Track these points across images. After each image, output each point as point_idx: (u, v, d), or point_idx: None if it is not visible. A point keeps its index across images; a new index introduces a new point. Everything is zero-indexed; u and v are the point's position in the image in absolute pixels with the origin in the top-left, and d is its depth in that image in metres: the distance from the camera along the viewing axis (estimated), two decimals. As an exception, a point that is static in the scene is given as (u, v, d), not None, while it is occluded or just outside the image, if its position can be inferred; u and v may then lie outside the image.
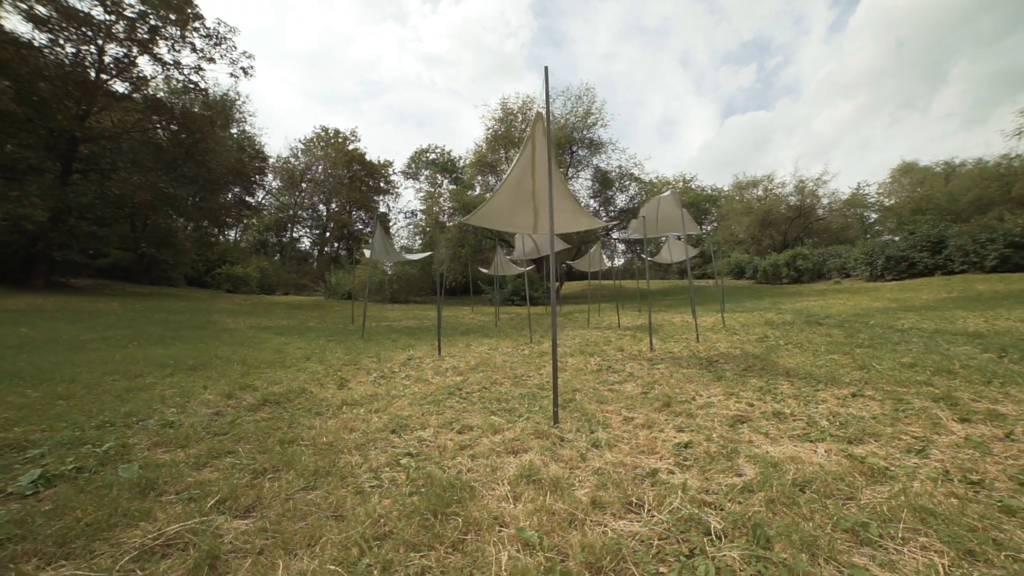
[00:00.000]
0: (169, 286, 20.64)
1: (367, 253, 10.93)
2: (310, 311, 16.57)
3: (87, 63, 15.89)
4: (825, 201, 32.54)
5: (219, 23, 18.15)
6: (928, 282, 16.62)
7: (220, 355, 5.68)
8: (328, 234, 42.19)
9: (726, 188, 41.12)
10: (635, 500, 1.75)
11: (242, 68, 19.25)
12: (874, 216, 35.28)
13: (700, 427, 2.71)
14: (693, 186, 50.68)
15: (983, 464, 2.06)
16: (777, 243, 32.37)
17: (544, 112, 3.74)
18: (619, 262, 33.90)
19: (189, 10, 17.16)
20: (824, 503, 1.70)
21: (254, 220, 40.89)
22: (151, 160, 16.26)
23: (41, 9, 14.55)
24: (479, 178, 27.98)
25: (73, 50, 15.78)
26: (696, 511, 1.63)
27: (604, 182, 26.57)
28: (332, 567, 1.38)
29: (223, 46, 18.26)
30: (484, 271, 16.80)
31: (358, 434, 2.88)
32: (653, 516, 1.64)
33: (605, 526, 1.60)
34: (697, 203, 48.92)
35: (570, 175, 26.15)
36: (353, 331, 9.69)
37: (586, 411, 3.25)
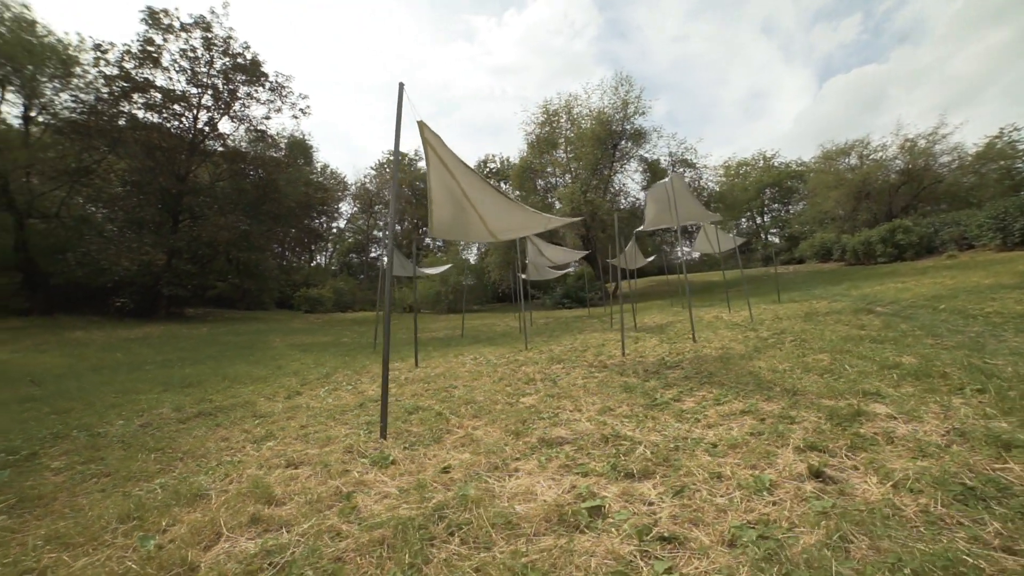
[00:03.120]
0: (261, 310, 24.32)
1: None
2: (364, 326, 18.20)
3: (185, 130, 19.61)
4: (945, 159, 26.67)
5: (277, 75, 21.23)
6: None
7: (222, 372, 6.64)
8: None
9: (812, 161, 35.64)
10: (286, 524, 1.81)
11: (300, 109, 22.20)
12: (1028, 167, 27.81)
13: (492, 451, 2.58)
14: (775, 163, 45.27)
15: (728, 514, 1.68)
16: (880, 216, 27.25)
17: (424, 121, 3.88)
18: (695, 255, 31.51)
19: (257, 69, 20.32)
20: (446, 554, 1.57)
21: (337, 245, 45.94)
22: (231, 204, 19.45)
23: (158, 96, 18.44)
24: (523, 184, 28.25)
25: (176, 123, 19.64)
26: (290, 542, 1.64)
27: (654, 172, 25.02)
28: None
29: (283, 93, 21.23)
30: (523, 276, 16.95)
31: (225, 443, 3.26)
32: (271, 540, 1.69)
33: (235, 544, 1.69)
34: (779, 181, 43.54)
35: (616, 170, 25.13)
36: (369, 344, 10.48)
37: (436, 426, 3.27)
